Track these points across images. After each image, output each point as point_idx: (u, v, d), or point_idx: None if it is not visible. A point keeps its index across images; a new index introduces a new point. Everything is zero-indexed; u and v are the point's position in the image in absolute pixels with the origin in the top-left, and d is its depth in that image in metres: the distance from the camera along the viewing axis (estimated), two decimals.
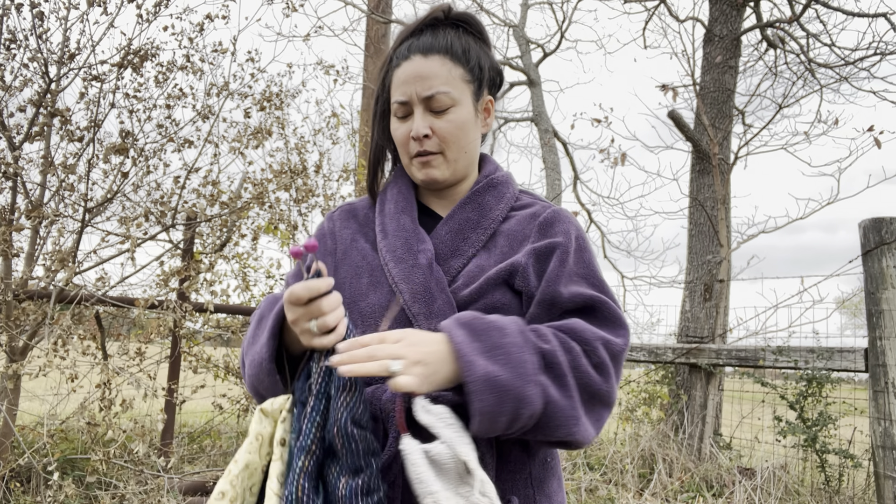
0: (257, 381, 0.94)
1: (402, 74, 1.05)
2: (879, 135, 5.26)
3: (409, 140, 1.06)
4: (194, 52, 3.88)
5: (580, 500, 3.79)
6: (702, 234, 5.58)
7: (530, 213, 1.10)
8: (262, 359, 0.91)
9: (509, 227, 1.08)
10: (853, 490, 3.65)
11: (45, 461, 2.89)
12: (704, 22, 6.00)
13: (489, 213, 1.09)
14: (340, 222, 1.16)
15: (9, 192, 3.43)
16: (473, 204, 1.09)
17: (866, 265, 3.16)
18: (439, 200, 1.14)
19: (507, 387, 0.80)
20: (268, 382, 0.93)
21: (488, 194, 1.11)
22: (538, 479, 0.98)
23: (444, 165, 1.07)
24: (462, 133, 1.06)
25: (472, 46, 1.07)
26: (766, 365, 3.96)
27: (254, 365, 0.94)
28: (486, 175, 1.14)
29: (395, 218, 1.07)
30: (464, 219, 1.07)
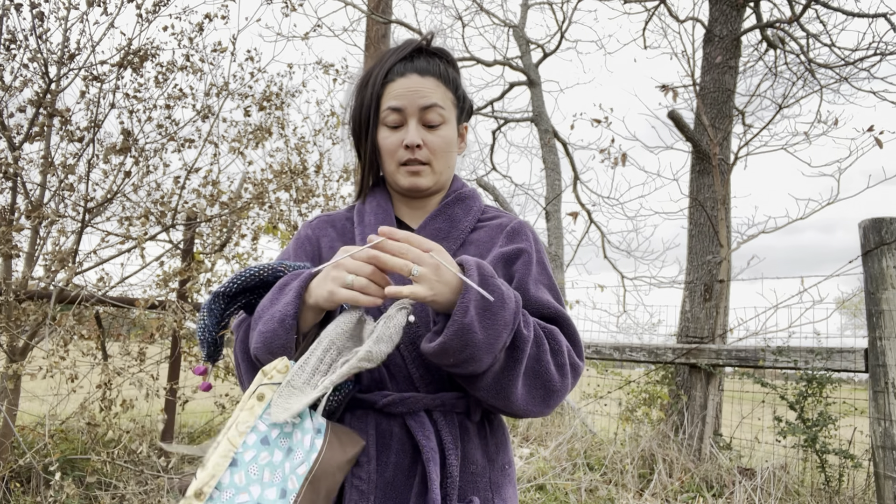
0: (273, 336, 0.95)
1: (400, 88, 1.12)
2: (879, 135, 5.26)
3: (399, 148, 1.13)
4: (194, 52, 3.88)
5: (580, 500, 3.79)
6: (702, 234, 5.58)
7: (497, 224, 1.21)
8: (286, 315, 0.94)
9: (478, 237, 1.18)
10: (853, 490, 3.65)
11: (46, 461, 2.89)
12: (704, 22, 6.00)
13: (458, 223, 1.19)
14: (319, 230, 1.23)
15: (9, 192, 3.42)
16: (444, 216, 1.19)
17: (866, 265, 3.16)
18: (412, 212, 1.23)
19: (474, 344, 0.89)
20: (283, 339, 0.95)
21: (457, 207, 1.21)
22: (496, 483, 1.06)
23: (430, 176, 1.16)
24: (448, 149, 1.16)
25: (456, 77, 1.19)
26: (766, 365, 3.96)
27: (273, 321, 0.95)
28: (454, 190, 1.24)
29: (374, 228, 1.14)
30: (435, 229, 1.17)
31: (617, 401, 5.45)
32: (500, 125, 9.35)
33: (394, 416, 1.03)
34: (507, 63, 8.67)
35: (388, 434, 1.03)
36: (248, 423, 0.87)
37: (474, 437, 1.06)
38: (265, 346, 0.96)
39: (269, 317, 0.96)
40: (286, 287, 0.98)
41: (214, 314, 1.05)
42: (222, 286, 1.04)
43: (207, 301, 1.04)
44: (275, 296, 0.99)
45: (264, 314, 0.98)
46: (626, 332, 7.50)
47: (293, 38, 7.36)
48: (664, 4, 6.48)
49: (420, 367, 1.03)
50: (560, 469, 4.28)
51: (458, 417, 1.05)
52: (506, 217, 1.24)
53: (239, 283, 1.04)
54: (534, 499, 3.78)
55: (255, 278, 1.04)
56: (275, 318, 0.95)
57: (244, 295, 1.08)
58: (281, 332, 0.94)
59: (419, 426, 1.02)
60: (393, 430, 1.03)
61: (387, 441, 1.03)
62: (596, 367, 5.93)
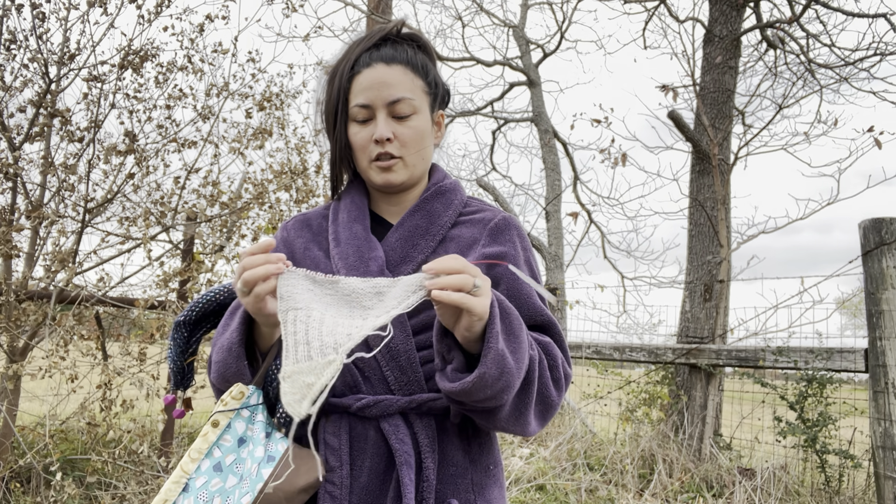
0: (224, 366, 0.95)
1: (365, 81, 1.07)
2: (879, 135, 5.26)
3: (369, 143, 1.08)
4: (194, 52, 3.88)
5: (580, 500, 3.79)
6: (702, 234, 5.58)
7: (480, 219, 1.14)
8: (232, 343, 0.94)
9: (459, 233, 1.12)
10: (853, 490, 3.65)
11: (46, 461, 2.89)
12: (704, 22, 6.00)
13: (437, 219, 1.12)
14: (294, 231, 1.19)
15: (9, 192, 3.42)
16: (422, 211, 1.13)
17: (866, 265, 3.16)
18: (390, 207, 1.17)
19: (509, 371, 0.86)
20: (235, 368, 0.95)
21: (437, 201, 1.15)
22: (479, 485, 1.03)
23: (403, 170, 1.10)
24: (421, 140, 1.10)
25: (427, 63, 1.13)
26: (767, 365, 3.96)
27: (223, 350, 0.95)
28: (434, 183, 1.18)
29: (347, 226, 1.11)
30: (413, 226, 1.11)
31: (617, 401, 5.45)
32: (500, 125, 9.35)
33: (368, 420, 1.00)
34: (507, 63, 8.67)
35: (363, 438, 1.00)
36: (200, 450, 0.88)
37: (454, 438, 1.03)
38: (219, 375, 0.96)
39: (220, 346, 0.97)
40: (235, 312, 0.98)
41: (178, 343, 1.05)
42: (182, 314, 1.04)
43: (171, 330, 1.04)
44: (226, 321, 0.99)
45: (217, 342, 0.98)
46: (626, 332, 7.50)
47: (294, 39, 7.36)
48: (664, 4, 6.48)
49: (395, 369, 1.00)
50: (560, 469, 4.28)
51: (435, 419, 1.01)
52: (489, 211, 1.17)
53: (197, 309, 1.03)
54: (534, 499, 3.78)
55: (212, 303, 1.04)
56: (223, 347, 0.95)
57: (208, 320, 1.07)
58: (231, 361, 0.94)
59: (393, 430, 0.99)
60: (368, 433, 1.00)
61: (361, 445, 1.00)
62: (596, 368, 5.94)
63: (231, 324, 0.97)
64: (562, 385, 0.98)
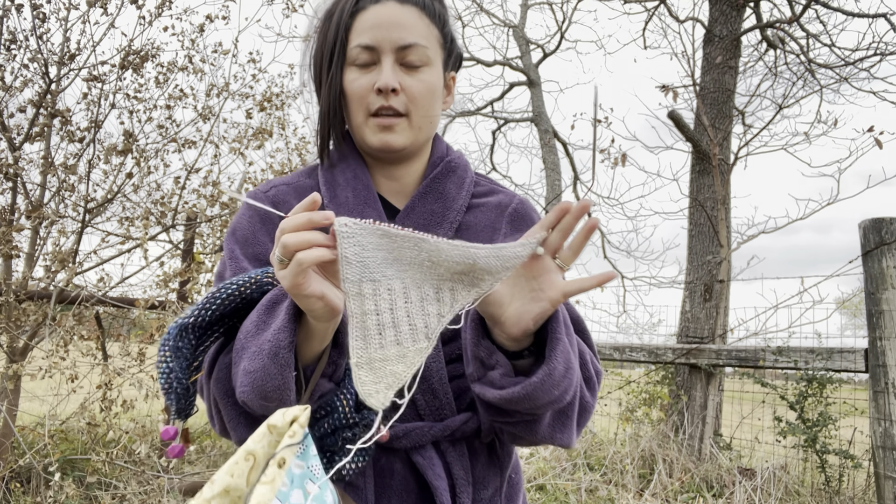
0: (265, 377, 0.70)
1: (373, 18, 0.88)
2: (879, 135, 5.26)
3: (369, 93, 0.88)
4: (195, 52, 3.88)
5: (580, 500, 3.79)
6: (702, 234, 5.58)
7: (496, 203, 0.99)
8: (279, 346, 0.70)
9: (475, 220, 0.96)
10: (853, 490, 3.65)
11: (46, 461, 2.89)
12: (704, 22, 6.00)
13: (453, 203, 0.95)
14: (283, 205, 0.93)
15: (9, 192, 3.43)
16: (435, 193, 0.95)
17: (866, 265, 3.16)
18: (389, 184, 0.97)
19: (573, 369, 0.76)
20: (279, 380, 0.70)
21: (448, 181, 0.97)
22: (509, 498, 0.95)
23: (407, 131, 0.91)
24: (432, 98, 0.92)
25: (444, 13, 0.96)
26: (767, 365, 3.96)
27: (261, 355, 0.71)
28: (440, 157, 0.99)
29: (357, 211, 0.91)
30: (427, 212, 0.93)
31: (617, 401, 5.45)
32: (500, 125, 9.35)
33: (394, 452, 0.86)
34: (507, 63, 8.68)
35: (388, 474, 0.86)
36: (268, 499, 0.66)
37: (484, 459, 0.90)
38: (255, 389, 0.71)
39: (255, 349, 0.72)
40: (276, 305, 0.74)
41: (183, 354, 0.78)
42: (190, 314, 0.76)
43: (170, 336, 0.77)
44: (261, 318, 0.74)
45: (249, 345, 0.73)
46: (626, 332, 7.50)
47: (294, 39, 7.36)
48: (664, 4, 6.48)
49: (426, 391, 0.86)
50: (560, 469, 4.28)
51: (466, 443, 0.89)
52: (503, 193, 1.02)
53: (214, 308, 0.76)
54: (534, 499, 3.78)
55: (234, 299, 0.77)
56: (264, 352, 0.70)
57: (221, 322, 0.81)
58: (274, 371, 0.70)
59: (428, 463, 0.85)
60: (394, 467, 0.85)
61: (387, 481, 0.86)
62: None
63: (271, 321, 0.73)
64: (594, 385, 0.87)
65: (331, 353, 0.77)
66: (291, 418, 0.68)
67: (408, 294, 0.68)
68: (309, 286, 0.66)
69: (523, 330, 0.74)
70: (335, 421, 0.79)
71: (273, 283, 0.78)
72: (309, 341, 0.75)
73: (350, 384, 0.79)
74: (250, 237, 0.90)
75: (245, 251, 0.89)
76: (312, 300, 0.67)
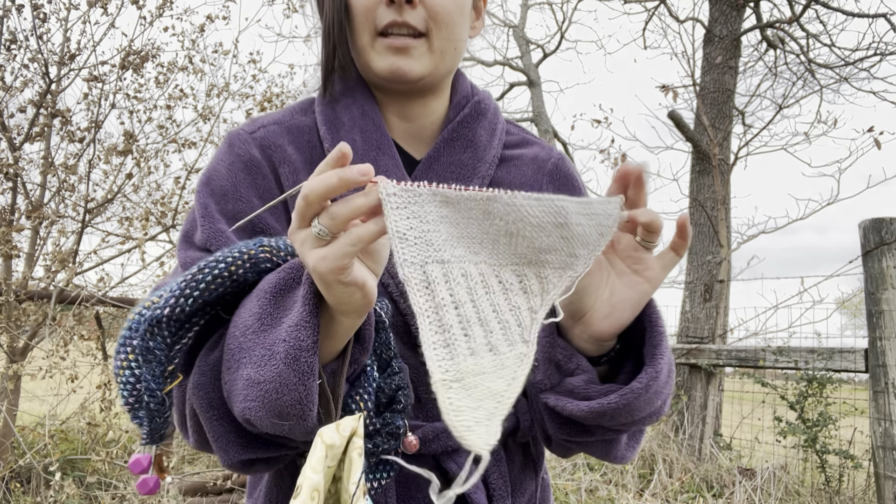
0: (279, 390, 0.54)
1: None
2: (879, 135, 5.26)
3: (378, 5, 0.71)
4: (195, 53, 3.88)
5: (580, 500, 3.79)
6: (702, 234, 5.58)
7: (531, 157, 0.83)
8: (299, 349, 0.54)
9: (510, 177, 0.80)
10: (853, 490, 3.65)
11: (46, 461, 2.89)
12: (704, 22, 6.00)
13: (485, 153, 0.78)
14: (273, 149, 0.75)
15: (9, 192, 3.43)
16: (463, 140, 0.78)
17: (866, 265, 3.16)
18: (403, 125, 0.80)
19: (672, 371, 0.65)
20: (300, 392, 0.55)
21: (479, 125, 0.80)
22: (542, 500, 0.85)
23: (426, 57, 0.73)
24: (458, 16, 0.74)
25: None
26: (767, 365, 3.96)
27: (273, 360, 0.55)
28: (466, 96, 0.82)
29: (368, 159, 0.74)
30: (455, 163, 0.77)
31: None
32: None
33: (421, 458, 0.71)
34: (507, 63, 8.68)
35: (415, 484, 0.71)
36: None
37: (519, 460, 0.79)
38: (267, 405, 0.55)
39: (264, 352, 0.56)
40: (286, 293, 0.58)
41: (155, 357, 0.58)
42: (163, 303, 0.58)
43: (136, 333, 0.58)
44: (265, 310, 0.58)
45: (251, 346, 0.57)
46: None
47: (294, 39, 7.37)
48: (664, 4, 6.48)
49: None
50: (560, 469, 4.28)
51: (501, 445, 0.76)
52: (538, 144, 0.86)
53: (196, 294, 0.58)
54: None
55: (222, 281, 0.59)
56: (278, 355, 0.55)
57: (203, 312, 0.62)
58: (293, 380, 0.54)
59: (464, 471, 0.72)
60: (420, 478, 0.69)
61: (412, 494, 0.71)
62: None
63: (283, 315, 0.57)
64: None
65: (353, 349, 0.63)
66: (350, 432, 0.55)
67: (487, 282, 0.52)
68: (352, 272, 0.51)
69: (617, 324, 0.60)
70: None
71: (272, 261, 0.61)
72: (330, 340, 0.59)
73: (366, 382, 0.65)
74: (230, 190, 0.72)
75: (222, 208, 0.71)
76: (353, 290, 0.52)
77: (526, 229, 0.52)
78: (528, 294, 0.53)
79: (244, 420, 0.58)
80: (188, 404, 0.63)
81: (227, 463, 0.63)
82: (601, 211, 0.54)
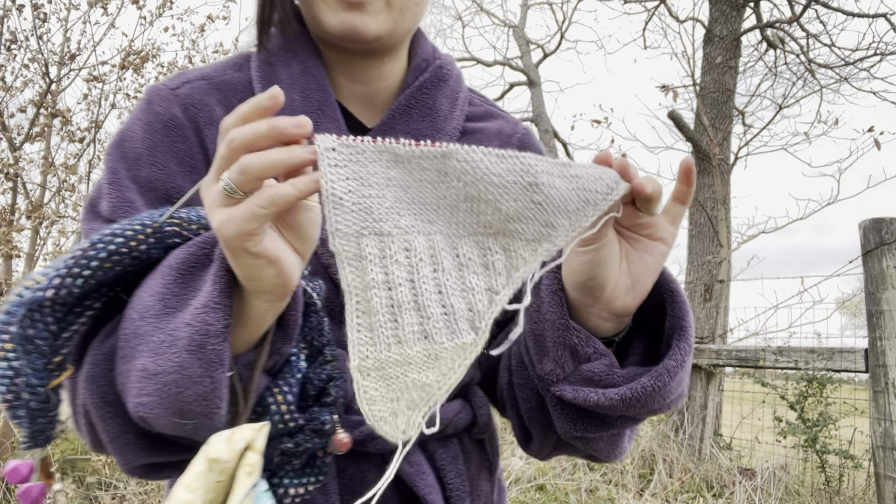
0: (180, 385, 0.47)
1: None
2: (879, 135, 5.26)
3: None
4: (195, 53, 3.89)
5: (580, 500, 3.79)
6: (702, 234, 5.58)
7: (496, 131, 0.78)
8: (206, 334, 0.47)
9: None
10: (853, 490, 3.65)
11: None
12: (704, 22, 6.00)
13: (445, 124, 0.72)
14: (197, 108, 0.66)
15: (9, 192, 3.43)
16: (421, 108, 0.71)
17: (866, 265, 3.16)
18: (353, 87, 0.72)
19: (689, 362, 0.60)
20: (206, 386, 0.48)
21: (439, 93, 0.73)
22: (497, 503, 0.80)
23: (384, 13, 0.65)
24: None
25: None
26: (767, 365, 3.96)
27: (173, 350, 0.47)
28: (426, 59, 0.75)
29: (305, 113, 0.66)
30: (411, 132, 0.70)
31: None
32: None
33: (368, 457, 0.65)
34: (507, 63, 8.68)
35: (359, 486, 0.64)
36: None
37: (476, 459, 0.74)
38: (165, 400, 0.48)
39: (164, 338, 0.48)
40: (195, 271, 0.50)
41: (36, 347, 0.50)
42: (47, 283, 0.49)
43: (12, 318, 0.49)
44: (170, 289, 0.50)
45: (150, 331, 0.49)
46: None
47: None
48: (664, 4, 6.48)
49: None
50: (560, 469, 4.28)
51: (457, 441, 0.71)
52: (502, 118, 0.80)
53: (88, 274, 0.50)
54: (534, 499, 3.78)
55: (120, 258, 0.51)
56: (180, 342, 0.47)
57: (98, 293, 0.54)
58: (198, 371, 0.47)
59: (417, 470, 0.66)
60: (366, 478, 0.64)
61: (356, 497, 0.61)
62: None
63: (189, 295, 0.49)
64: None
65: (274, 337, 0.54)
66: (244, 445, 0.46)
67: (437, 258, 0.45)
68: (262, 241, 0.44)
69: (641, 295, 0.55)
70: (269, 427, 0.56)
71: (182, 235, 0.52)
72: (243, 327, 0.51)
73: (290, 373, 0.57)
74: (144, 153, 0.62)
75: (134, 174, 0.62)
76: (262, 263, 0.45)
77: (489, 190, 0.44)
78: (491, 271, 0.46)
79: (138, 418, 0.51)
80: (80, 400, 0.55)
81: (127, 468, 0.56)
82: (586, 175, 0.46)
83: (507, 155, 0.44)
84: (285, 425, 0.56)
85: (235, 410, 0.53)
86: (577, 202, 0.46)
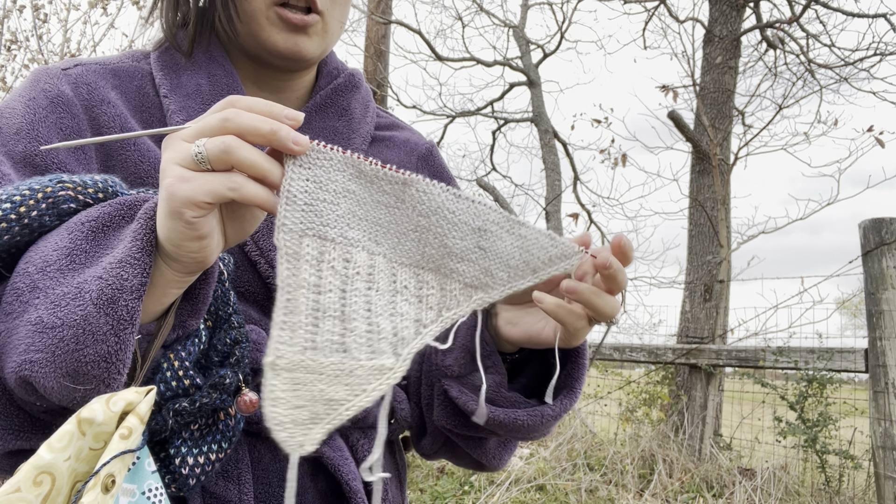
0: (81, 340, 0.43)
1: None
2: (879, 135, 5.27)
3: None
4: None
5: (580, 500, 3.79)
6: (702, 234, 5.58)
7: (403, 140, 0.82)
8: (120, 289, 0.44)
9: (382, 158, 0.76)
10: (853, 490, 3.66)
11: None
12: (704, 22, 6.00)
13: (359, 126, 0.75)
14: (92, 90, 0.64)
15: None
16: (337, 108, 0.74)
17: (866, 266, 3.16)
18: (260, 94, 0.73)
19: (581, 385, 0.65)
20: (111, 345, 0.44)
21: (353, 97, 0.76)
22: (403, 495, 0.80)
23: (320, 37, 0.69)
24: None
25: None
26: (767, 365, 3.96)
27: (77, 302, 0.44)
28: (336, 67, 0.79)
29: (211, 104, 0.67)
30: (328, 129, 0.72)
31: (617, 401, 5.45)
32: (500, 125, 9.36)
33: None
34: (507, 63, 8.68)
35: (275, 476, 0.63)
36: None
37: (389, 458, 0.75)
38: (60, 357, 0.43)
39: (67, 290, 0.44)
40: (110, 229, 0.48)
41: None
42: None
43: None
44: (78, 244, 0.47)
45: (51, 285, 0.45)
46: (627, 332, 7.51)
47: None
48: (664, 5, 6.48)
49: None
50: (560, 469, 4.28)
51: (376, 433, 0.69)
52: (408, 130, 0.85)
53: None
54: (534, 499, 3.78)
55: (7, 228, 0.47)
56: (87, 294, 0.44)
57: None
58: (104, 327, 0.44)
59: (340, 458, 0.64)
60: (283, 467, 0.63)
61: (274, 491, 0.62)
62: (596, 368, 5.94)
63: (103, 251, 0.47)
64: None
65: (180, 310, 0.52)
66: (123, 408, 0.42)
67: (374, 277, 0.45)
68: (207, 217, 0.45)
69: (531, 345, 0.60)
70: (159, 386, 0.51)
71: (78, 199, 0.49)
72: (148, 294, 0.48)
73: (189, 342, 0.54)
74: (24, 128, 0.59)
75: (10, 148, 0.58)
76: (191, 234, 0.45)
77: (440, 224, 0.46)
78: (423, 304, 0.47)
79: (20, 379, 0.44)
80: None
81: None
82: (534, 239, 0.48)
83: (464, 197, 0.47)
84: (180, 383, 0.52)
85: (128, 383, 0.49)
86: (518, 260, 0.48)
